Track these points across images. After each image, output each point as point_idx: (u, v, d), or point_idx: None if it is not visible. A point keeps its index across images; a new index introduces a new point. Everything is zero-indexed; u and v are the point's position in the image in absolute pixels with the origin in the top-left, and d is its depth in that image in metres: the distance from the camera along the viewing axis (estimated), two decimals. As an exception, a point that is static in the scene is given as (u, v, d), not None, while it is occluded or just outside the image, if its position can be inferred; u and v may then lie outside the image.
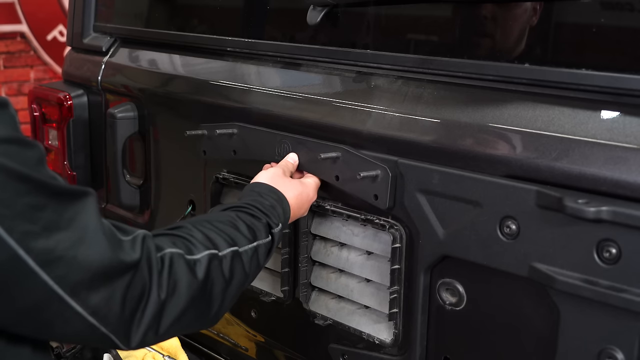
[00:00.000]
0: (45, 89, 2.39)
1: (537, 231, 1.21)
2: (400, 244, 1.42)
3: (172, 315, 1.12)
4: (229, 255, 1.23)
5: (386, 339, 1.49)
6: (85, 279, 1.00)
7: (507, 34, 1.38)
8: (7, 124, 0.96)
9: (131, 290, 1.06)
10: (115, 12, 2.36)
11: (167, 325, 1.12)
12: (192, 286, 1.15)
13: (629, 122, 1.16)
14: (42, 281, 0.97)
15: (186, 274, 1.15)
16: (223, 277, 1.21)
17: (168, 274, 1.12)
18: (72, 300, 1.00)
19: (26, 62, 5.33)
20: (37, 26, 5.29)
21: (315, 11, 1.58)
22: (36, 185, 0.96)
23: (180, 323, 1.14)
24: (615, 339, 1.14)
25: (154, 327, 1.10)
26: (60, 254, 0.98)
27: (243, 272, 1.26)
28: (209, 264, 1.18)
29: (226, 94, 1.83)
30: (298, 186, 1.47)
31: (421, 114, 1.41)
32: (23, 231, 0.94)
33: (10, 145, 0.95)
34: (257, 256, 1.29)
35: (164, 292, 1.10)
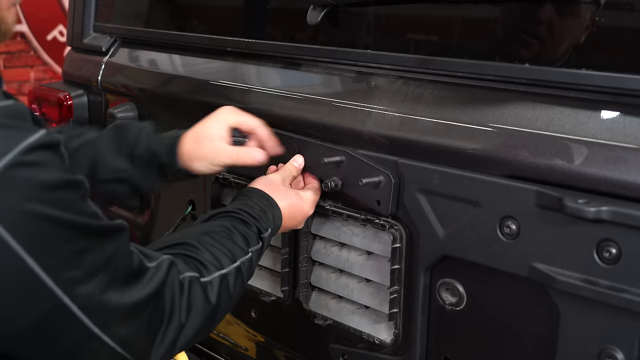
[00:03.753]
0: (45, 89, 2.39)
1: (537, 231, 1.21)
2: (400, 244, 1.42)
3: (187, 337, 1.16)
4: (233, 273, 1.26)
5: (386, 339, 1.49)
6: (117, 316, 1.03)
7: (507, 34, 1.38)
8: (58, 167, 0.96)
9: (154, 316, 1.09)
10: (115, 12, 2.36)
11: (181, 346, 1.16)
12: (206, 309, 1.19)
13: (629, 122, 1.16)
14: (83, 324, 1.00)
15: (201, 298, 1.18)
16: (229, 295, 1.25)
17: (187, 298, 1.16)
18: (105, 336, 1.03)
19: (26, 62, 5.34)
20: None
21: (315, 11, 1.59)
22: (81, 229, 0.97)
23: (190, 343, 1.18)
24: (615, 339, 1.14)
25: (171, 349, 1.14)
26: (99, 297, 1.00)
27: (242, 285, 1.30)
28: (220, 286, 1.22)
29: (226, 94, 1.83)
30: (293, 197, 1.46)
31: (421, 114, 1.41)
32: (69, 279, 0.96)
33: (60, 192, 0.95)
34: (252, 264, 1.33)
35: (184, 316, 1.14)
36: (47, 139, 0.95)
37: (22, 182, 0.91)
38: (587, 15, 1.26)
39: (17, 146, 0.91)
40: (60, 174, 0.96)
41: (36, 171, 0.92)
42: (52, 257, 0.94)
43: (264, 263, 1.74)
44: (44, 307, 0.95)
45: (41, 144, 0.93)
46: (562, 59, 1.27)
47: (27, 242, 0.91)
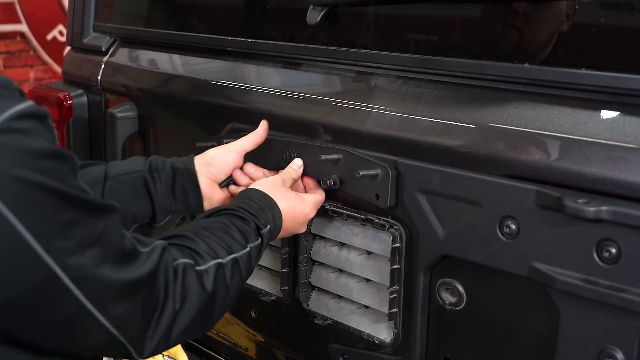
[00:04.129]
0: (45, 89, 2.39)
1: (537, 231, 1.21)
2: (400, 244, 1.42)
3: (183, 326, 1.14)
4: (230, 264, 1.24)
5: (386, 339, 1.49)
6: (112, 293, 1.02)
7: (507, 34, 1.38)
8: (47, 137, 0.96)
9: (150, 301, 1.08)
10: (115, 12, 2.36)
11: (177, 335, 1.14)
12: (202, 297, 1.17)
13: (629, 122, 1.16)
14: (75, 297, 0.98)
15: (197, 285, 1.17)
16: (226, 286, 1.23)
17: (182, 285, 1.14)
18: (99, 314, 1.01)
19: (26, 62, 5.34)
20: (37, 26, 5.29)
21: (315, 11, 1.59)
22: (71, 201, 0.97)
23: (187, 333, 1.16)
24: (615, 339, 1.14)
25: (166, 337, 1.12)
26: (92, 270, 0.99)
27: (240, 279, 1.28)
28: (216, 275, 1.21)
29: (226, 94, 1.83)
30: (294, 198, 1.45)
31: (421, 114, 1.41)
32: (60, 248, 0.95)
33: (49, 161, 0.95)
34: (251, 260, 1.31)
35: (178, 302, 1.13)
36: (35, 109, 0.94)
37: (10, 148, 0.90)
38: (587, 16, 1.26)
39: (5, 113, 0.91)
40: (49, 144, 0.95)
41: (24, 138, 0.92)
42: (42, 225, 0.93)
43: (264, 263, 1.74)
44: (35, 276, 0.94)
45: (29, 113, 0.93)
46: (562, 59, 1.27)
47: (17, 208, 0.90)
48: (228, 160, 1.53)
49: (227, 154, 1.54)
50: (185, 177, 1.51)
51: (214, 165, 1.53)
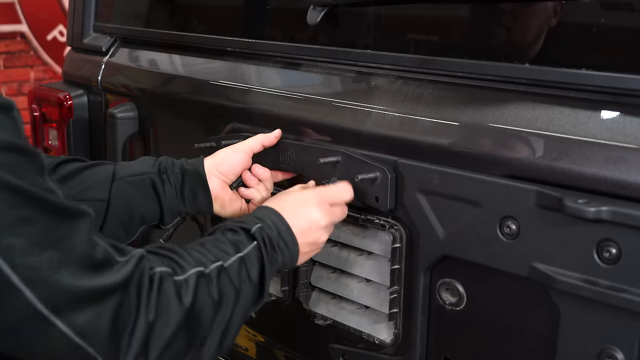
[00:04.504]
0: (45, 89, 2.39)
1: (537, 231, 1.21)
2: (400, 244, 1.42)
3: (162, 341, 1.07)
4: (215, 272, 1.17)
5: (386, 339, 1.49)
6: (71, 299, 0.98)
7: (507, 33, 1.38)
8: (8, 129, 0.93)
9: (120, 310, 1.03)
10: (115, 12, 2.36)
11: (158, 351, 1.07)
12: (180, 309, 1.10)
13: (629, 122, 1.16)
14: (26, 299, 0.94)
15: (174, 295, 1.10)
16: (210, 298, 1.15)
17: (157, 295, 1.08)
18: (58, 320, 0.97)
19: (26, 62, 5.34)
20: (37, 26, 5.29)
21: (315, 11, 1.58)
22: (29, 198, 0.93)
23: (170, 350, 1.09)
24: (615, 339, 1.14)
25: (144, 352, 1.05)
26: (47, 273, 0.95)
27: (232, 287, 1.19)
28: (196, 283, 1.13)
29: (226, 94, 1.83)
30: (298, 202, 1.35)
31: (421, 114, 1.41)
32: (8, 244, 0.92)
33: (7, 154, 0.92)
34: (246, 267, 1.22)
35: (152, 314, 1.06)
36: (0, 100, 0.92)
37: None
38: (587, 16, 1.26)
39: None
40: (11, 137, 0.92)
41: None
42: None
43: (264, 263, 1.74)
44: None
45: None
46: (563, 59, 1.27)
47: None
48: (237, 160, 1.53)
49: (236, 154, 1.54)
50: (194, 179, 1.50)
51: (224, 165, 1.52)
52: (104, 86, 2.22)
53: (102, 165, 1.51)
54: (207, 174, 1.51)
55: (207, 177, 1.50)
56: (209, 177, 1.50)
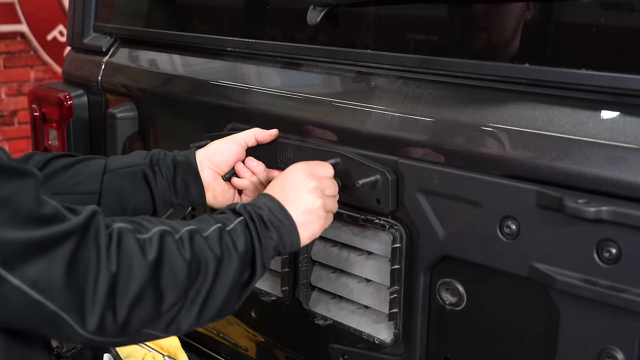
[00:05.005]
0: (45, 89, 2.39)
1: (537, 231, 1.21)
2: (400, 244, 1.42)
3: (129, 296, 1.05)
4: (187, 235, 1.15)
5: (386, 339, 1.49)
6: (19, 252, 0.98)
7: (508, 34, 1.38)
8: None
9: (76, 261, 1.02)
10: (115, 12, 2.36)
11: (125, 308, 1.05)
12: (144, 262, 1.08)
13: (629, 122, 1.16)
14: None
15: (137, 249, 1.08)
16: (182, 258, 1.12)
17: (117, 247, 1.06)
18: (8, 274, 0.97)
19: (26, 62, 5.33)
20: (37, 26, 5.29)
21: (315, 11, 1.58)
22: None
23: (140, 309, 1.07)
24: (615, 339, 1.14)
25: (111, 307, 1.04)
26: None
27: (212, 253, 1.16)
28: (160, 240, 1.11)
29: (226, 94, 1.83)
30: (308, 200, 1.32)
31: (421, 114, 1.41)
32: None
33: None
34: (231, 238, 1.19)
35: (114, 265, 1.04)
36: None
37: None
38: (587, 16, 1.26)
39: None
40: None
41: None
42: None
43: (264, 263, 1.74)
44: None
45: None
46: (562, 59, 1.27)
47: None
48: (231, 151, 1.53)
49: (229, 145, 1.54)
50: (186, 170, 1.50)
51: (217, 156, 1.52)
52: (104, 86, 2.22)
53: (94, 159, 1.51)
54: (199, 165, 1.51)
55: (199, 167, 1.51)
56: (202, 168, 1.51)
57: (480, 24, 1.43)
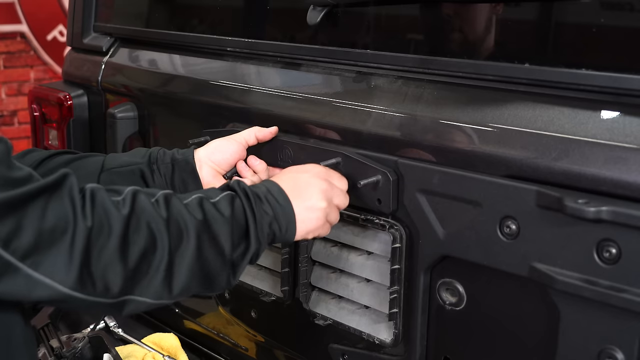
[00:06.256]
0: (45, 89, 2.39)
1: (537, 231, 1.21)
2: (400, 244, 1.42)
3: (107, 250, 1.04)
4: (162, 197, 1.13)
5: (386, 339, 1.49)
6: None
7: (507, 34, 1.38)
8: None
9: (50, 217, 1.01)
10: (115, 12, 2.36)
11: (104, 262, 1.04)
12: (120, 215, 1.07)
13: (629, 122, 1.16)
14: None
15: (111, 204, 1.07)
16: (157, 213, 1.11)
17: (91, 203, 1.05)
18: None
19: (26, 62, 5.33)
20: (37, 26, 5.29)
21: (315, 11, 1.58)
22: None
23: (120, 262, 1.05)
24: (615, 339, 1.14)
25: (89, 261, 1.03)
26: None
27: (190, 215, 1.14)
28: (133, 196, 1.10)
29: (226, 94, 1.83)
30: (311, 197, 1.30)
31: (421, 114, 1.41)
32: None
33: None
34: (214, 205, 1.17)
35: (89, 220, 1.03)
36: None
37: None
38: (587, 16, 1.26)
39: None
40: None
41: None
42: None
43: (263, 263, 1.74)
44: None
45: None
46: (562, 59, 1.27)
47: None
48: (230, 149, 1.53)
49: (229, 143, 1.54)
50: (184, 169, 1.50)
51: (216, 154, 1.52)
52: (104, 86, 2.22)
53: (92, 157, 1.51)
54: (199, 163, 1.51)
55: (198, 166, 1.51)
56: (201, 166, 1.51)
57: (480, 24, 1.43)
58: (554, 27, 1.31)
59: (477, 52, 1.40)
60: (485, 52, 1.39)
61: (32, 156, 1.46)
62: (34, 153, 1.47)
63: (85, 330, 1.95)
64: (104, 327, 1.97)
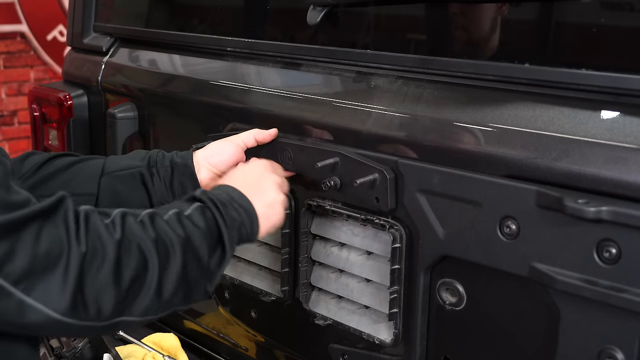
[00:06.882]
0: (45, 89, 2.39)
1: (537, 231, 1.21)
2: (400, 244, 1.42)
3: (101, 275, 1.05)
4: (147, 217, 1.16)
5: (386, 339, 1.49)
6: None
7: (507, 34, 1.38)
8: None
9: (41, 244, 1.01)
10: (115, 12, 2.36)
11: (98, 287, 1.04)
12: (113, 240, 1.08)
13: (629, 122, 1.16)
14: None
15: (104, 229, 1.08)
16: (146, 235, 1.12)
17: (85, 227, 1.06)
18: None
19: (26, 62, 5.33)
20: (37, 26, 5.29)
21: (315, 11, 1.58)
22: None
23: (112, 287, 1.06)
24: (615, 339, 1.14)
25: (82, 287, 1.03)
26: None
27: (173, 232, 1.16)
28: (122, 218, 1.12)
29: (226, 94, 1.83)
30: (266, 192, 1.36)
31: (421, 114, 1.41)
32: None
33: None
34: (189, 219, 1.19)
35: (83, 245, 1.04)
36: None
37: None
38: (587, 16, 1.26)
39: None
40: None
41: None
42: None
43: (264, 263, 1.74)
44: None
45: None
46: (562, 59, 1.27)
47: None
48: (229, 152, 1.54)
49: (228, 146, 1.54)
50: (183, 172, 1.50)
51: (215, 156, 1.53)
52: (104, 86, 2.22)
53: (93, 160, 1.51)
54: (197, 166, 1.51)
55: (197, 168, 1.51)
56: (200, 169, 1.51)
57: (480, 24, 1.43)
58: (554, 27, 1.31)
59: (477, 52, 1.40)
60: (485, 52, 1.39)
61: (32, 159, 1.46)
62: (34, 156, 1.47)
63: (85, 330, 1.95)
64: (104, 327, 1.97)
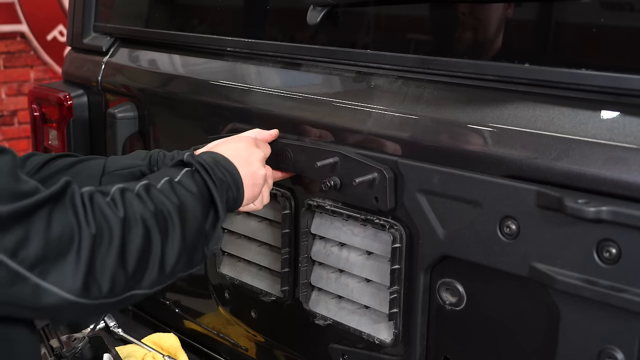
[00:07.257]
0: (45, 89, 2.39)
1: (537, 231, 1.21)
2: (400, 244, 1.42)
3: (111, 254, 1.07)
4: (142, 189, 1.18)
5: (386, 339, 1.49)
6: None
7: (507, 34, 1.38)
8: None
9: (53, 229, 1.02)
10: (115, 12, 2.36)
11: (109, 266, 1.07)
12: (118, 218, 1.10)
13: (629, 122, 1.16)
14: None
15: (107, 208, 1.10)
16: (146, 208, 1.15)
17: (92, 211, 1.08)
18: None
19: (26, 62, 5.33)
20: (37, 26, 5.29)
21: (315, 11, 1.58)
22: None
23: (123, 264, 1.09)
24: (615, 339, 1.14)
25: (94, 267, 1.05)
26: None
27: (168, 201, 1.19)
28: (122, 194, 1.14)
29: (226, 94, 1.83)
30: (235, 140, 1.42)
31: (421, 114, 1.41)
32: None
33: None
34: (181, 185, 1.22)
35: (93, 227, 1.06)
36: None
37: None
38: (587, 16, 1.26)
39: None
40: None
41: None
42: None
43: (264, 263, 1.74)
44: None
45: None
46: (562, 59, 1.27)
47: None
48: None
49: None
50: None
51: None
52: (104, 86, 2.22)
53: (94, 160, 1.52)
54: None
55: None
56: None
57: (480, 24, 1.43)
58: (554, 27, 1.31)
59: (477, 52, 1.40)
60: (485, 52, 1.39)
61: (33, 160, 1.46)
62: (34, 157, 1.47)
63: (85, 330, 1.95)
64: (104, 327, 1.97)
